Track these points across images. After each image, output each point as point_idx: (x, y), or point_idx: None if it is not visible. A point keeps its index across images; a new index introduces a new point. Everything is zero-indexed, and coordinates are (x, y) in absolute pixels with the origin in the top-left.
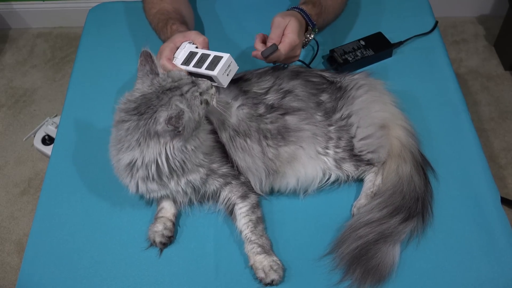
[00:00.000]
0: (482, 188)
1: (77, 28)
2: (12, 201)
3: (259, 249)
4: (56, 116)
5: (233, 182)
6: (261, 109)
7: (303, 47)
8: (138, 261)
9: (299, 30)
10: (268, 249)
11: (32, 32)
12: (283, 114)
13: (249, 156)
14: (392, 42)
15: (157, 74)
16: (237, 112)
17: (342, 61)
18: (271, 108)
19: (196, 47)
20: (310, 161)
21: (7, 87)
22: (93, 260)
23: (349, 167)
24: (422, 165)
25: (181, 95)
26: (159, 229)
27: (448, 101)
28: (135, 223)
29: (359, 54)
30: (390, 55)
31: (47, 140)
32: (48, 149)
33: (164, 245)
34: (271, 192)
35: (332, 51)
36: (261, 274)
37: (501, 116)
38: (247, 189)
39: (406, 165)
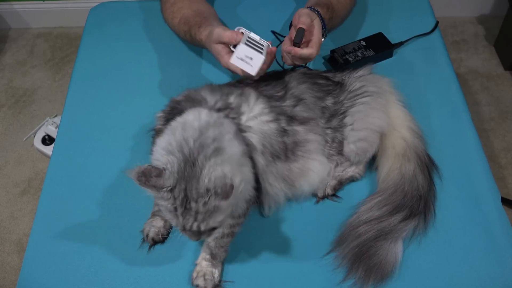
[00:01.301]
0: (483, 188)
1: (77, 28)
2: (12, 201)
3: (208, 257)
4: (56, 116)
5: None
6: (283, 122)
7: None
8: (138, 261)
9: (311, 15)
10: (218, 261)
11: (32, 32)
12: (297, 126)
13: (276, 180)
14: (392, 42)
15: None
16: (265, 126)
17: (342, 62)
18: (290, 119)
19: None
20: (322, 167)
21: (7, 87)
22: (93, 260)
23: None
24: (428, 166)
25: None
26: (159, 225)
27: (448, 101)
28: (135, 223)
29: (359, 55)
30: (390, 56)
31: (47, 140)
32: (48, 149)
33: (155, 243)
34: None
35: (332, 51)
36: (193, 274)
37: (501, 116)
38: None
39: (410, 164)
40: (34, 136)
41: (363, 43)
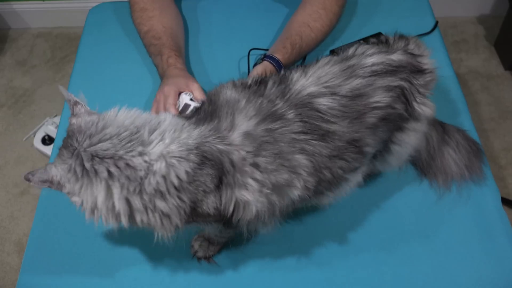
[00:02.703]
0: (483, 188)
1: (77, 28)
2: (12, 201)
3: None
4: (56, 116)
5: None
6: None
7: None
8: (138, 261)
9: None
10: (215, 244)
11: (32, 32)
12: None
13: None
14: None
15: None
16: None
17: None
18: None
19: (191, 99)
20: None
21: (7, 87)
22: (93, 260)
23: None
24: None
25: None
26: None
27: (448, 101)
28: None
29: None
30: None
31: (47, 140)
32: (48, 149)
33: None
34: None
35: (332, 51)
36: (195, 236)
37: (501, 116)
38: None
39: None
40: (34, 136)
41: (363, 43)
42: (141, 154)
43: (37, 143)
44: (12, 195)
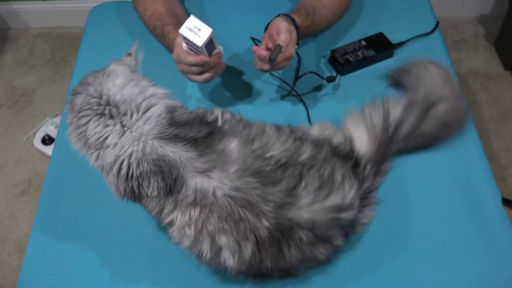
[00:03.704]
0: (483, 188)
1: (77, 28)
2: (12, 201)
3: None
4: (56, 116)
5: None
6: None
7: None
8: (138, 261)
9: (290, 29)
10: None
11: (32, 32)
12: None
13: None
14: (393, 42)
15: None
16: None
17: (343, 61)
18: None
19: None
20: None
21: (7, 87)
22: (94, 260)
23: None
24: None
25: None
26: None
27: None
28: (136, 222)
29: (360, 55)
30: (391, 56)
31: (47, 140)
32: (48, 149)
33: None
34: None
35: (333, 51)
36: None
37: (501, 116)
38: None
39: None
40: (34, 136)
41: (364, 43)
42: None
43: (37, 143)
44: (12, 195)
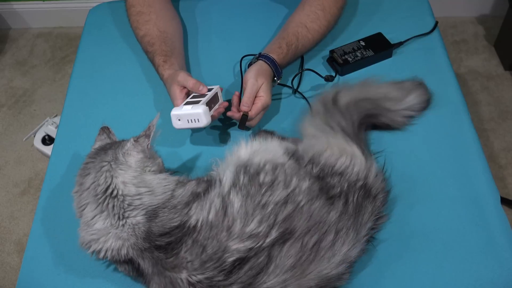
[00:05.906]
0: (482, 188)
1: (77, 28)
2: (12, 201)
3: None
4: (56, 116)
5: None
6: None
7: None
8: None
9: (270, 89)
10: None
11: (32, 32)
12: None
13: None
14: (392, 42)
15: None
16: None
17: (342, 62)
18: None
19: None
20: None
21: (7, 87)
22: (93, 260)
23: None
24: None
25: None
26: None
27: (448, 101)
28: None
29: (359, 55)
30: (390, 56)
31: (47, 140)
32: (48, 149)
33: None
34: None
35: (332, 51)
36: None
37: (501, 116)
38: None
39: None
40: (34, 136)
41: (363, 43)
42: None
43: (37, 143)
44: (12, 195)
